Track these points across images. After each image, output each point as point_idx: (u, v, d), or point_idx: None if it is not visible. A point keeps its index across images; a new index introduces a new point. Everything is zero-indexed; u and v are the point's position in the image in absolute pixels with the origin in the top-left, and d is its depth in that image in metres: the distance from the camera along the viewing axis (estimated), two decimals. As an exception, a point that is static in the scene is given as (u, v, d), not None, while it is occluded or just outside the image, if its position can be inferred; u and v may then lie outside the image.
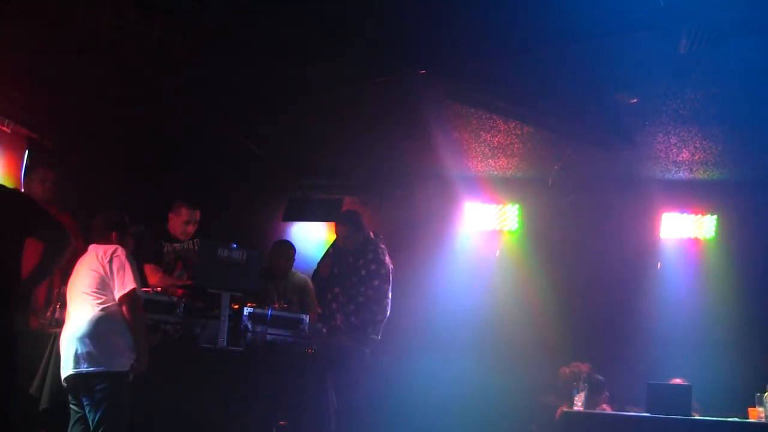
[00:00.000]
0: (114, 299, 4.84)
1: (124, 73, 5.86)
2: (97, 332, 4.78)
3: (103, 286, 4.85)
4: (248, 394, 5.46)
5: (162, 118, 6.83)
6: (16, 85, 6.09)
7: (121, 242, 5.06)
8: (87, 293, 4.86)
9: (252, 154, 7.59)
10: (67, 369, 4.82)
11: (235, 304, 5.60)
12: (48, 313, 5.28)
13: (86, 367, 4.75)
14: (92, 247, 5.04)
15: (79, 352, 4.76)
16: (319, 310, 6.62)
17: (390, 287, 6.71)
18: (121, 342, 4.83)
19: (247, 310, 5.60)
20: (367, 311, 6.59)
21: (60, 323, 5.03)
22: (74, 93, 6.29)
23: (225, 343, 5.44)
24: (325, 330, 6.17)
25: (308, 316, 5.95)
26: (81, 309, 4.85)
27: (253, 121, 6.99)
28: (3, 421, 3.99)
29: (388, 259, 6.78)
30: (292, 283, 6.79)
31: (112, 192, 7.09)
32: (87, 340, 4.77)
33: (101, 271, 4.86)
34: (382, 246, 6.82)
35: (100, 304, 4.82)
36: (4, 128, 6.56)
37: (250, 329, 5.56)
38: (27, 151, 6.76)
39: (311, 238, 8.40)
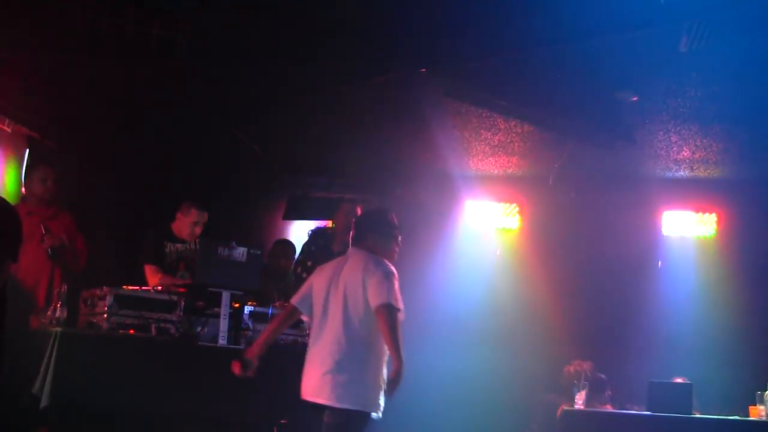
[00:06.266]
0: None
1: (124, 73, 5.86)
2: None
3: None
4: (249, 392, 5.46)
5: (161, 117, 6.83)
6: (16, 85, 6.09)
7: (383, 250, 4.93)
8: None
9: (252, 153, 7.59)
10: None
11: (236, 303, 5.60)
12: (48, 312, 5.27)
13: None
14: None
15: None
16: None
17: None
18: None
19: (247, 309, 5.60)
20: None
21: (60, 322, 5.03)
22: (74, 92, 6.29)
23: (226, 342, 5.45)
24: None
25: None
26: None
27: (253, 120, 6.99)
28: None
29: None
30: (292, 282, 6.79)
31: (112, 192, 7.10)
32: None
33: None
34: None
35: None
36: (5, 127, 6.56)
37: (251, 328, 5.56)
38: (27, 150, 6.76)
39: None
